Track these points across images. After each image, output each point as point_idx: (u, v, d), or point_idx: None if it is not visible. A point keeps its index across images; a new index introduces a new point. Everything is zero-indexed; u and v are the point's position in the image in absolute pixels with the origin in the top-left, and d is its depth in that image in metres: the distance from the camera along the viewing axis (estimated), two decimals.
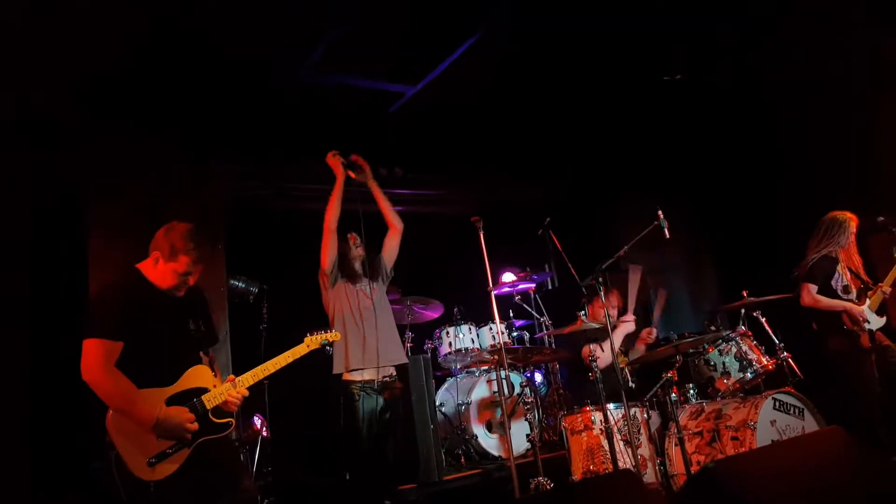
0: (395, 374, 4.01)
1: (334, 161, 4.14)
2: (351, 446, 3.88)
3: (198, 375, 2.81)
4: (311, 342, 3.23)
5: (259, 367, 2.96)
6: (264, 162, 5.96)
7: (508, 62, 5.29)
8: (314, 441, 5.35)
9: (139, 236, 3.00)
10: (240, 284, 5.31)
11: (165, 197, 4.86)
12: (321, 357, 5.51)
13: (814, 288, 4.56)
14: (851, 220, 4.68)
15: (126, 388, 2.60)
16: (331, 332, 3.27)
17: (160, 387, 2.69)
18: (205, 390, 2.79)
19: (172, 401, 2.69)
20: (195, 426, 2.67)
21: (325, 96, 5.43)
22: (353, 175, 4.14)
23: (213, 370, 2.91)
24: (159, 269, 2.81)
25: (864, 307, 4.49)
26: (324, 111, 5.63)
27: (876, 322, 4.50)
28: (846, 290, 4.57)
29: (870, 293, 4.56)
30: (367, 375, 3.84)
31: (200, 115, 5.06)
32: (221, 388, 2.82)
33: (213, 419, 2.77)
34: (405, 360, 4.15)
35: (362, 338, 3.84)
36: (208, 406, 2.76)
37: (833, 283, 4.58)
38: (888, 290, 4.53)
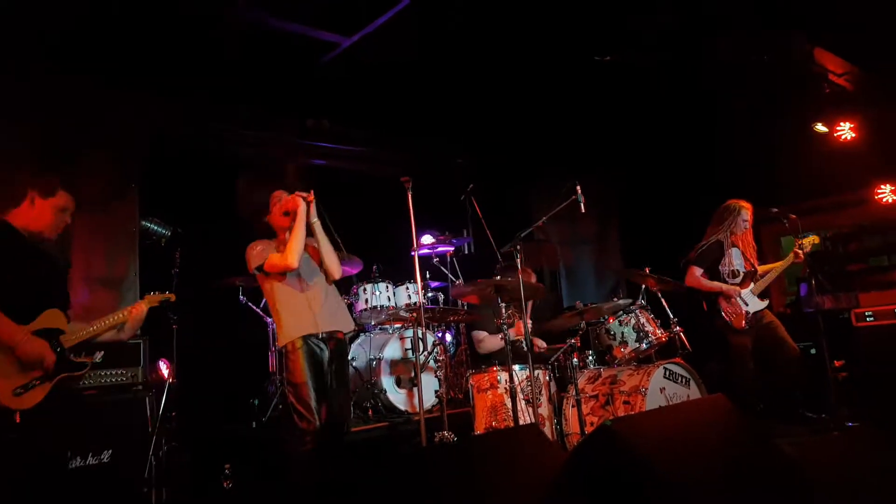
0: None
1: (293, 199, 3.71)
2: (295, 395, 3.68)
3: (53, 317, 2.97)
4: (151, 300, 3.43)
5: (91, 325, 3.14)
6: (188, 101, 5.73)
7: (444, 26, 5.30)
8: (225, 389, 5.33)
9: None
10: (152, 226, 5.14)
11: (68, 128, 4.65)
12: (234, 306, 5.48)
13: (698, 270, 4.98)
14: (745, 208, 5.06)
15: None
16: (168, 293, 3.50)
17: (22, 324, 2.84)
18: (61, 331, 2.98)
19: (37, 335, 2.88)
20: (53, 357, 2.87)
21: (259, 38, 5.26)
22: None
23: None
24: (36, 208, 2.94)
25: (747, 290, 4.92)
26: (256, 55, 5.46)
27: (755, 305, 4.91)
28: (733, 274, 4.98)
29: (755, 278, 4.99)
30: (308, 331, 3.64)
31: (120, 49, 4.81)
32: (76, 333, 3.03)
33: (72, 358, 3.00)
34: (353, 328, 3.99)
35: (309, 308, 3.63)
36: (66, 345, 2.97)
37: (721, 266, 4.98)
38: (764, 273, 4.99)
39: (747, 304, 4.89)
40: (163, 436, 4.27)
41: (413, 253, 4.28)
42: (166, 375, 4.74)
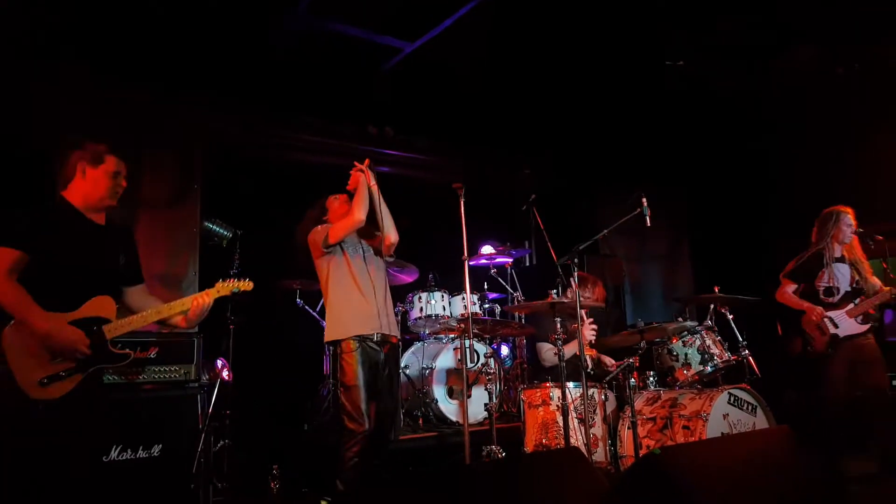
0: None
1: (353, 174, 3.95)
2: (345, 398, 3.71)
3: (101, 305, 2.79)
4: (222, 288, 3.10)
5: (142, 315, 2.90)
6: (250, 107, 5.87)
7: (509, 31, 5.22)
8: (279, 390, 5.38)
9: None
10: (214, 227, 5.27)
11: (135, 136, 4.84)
12: (292, 309, 5.53)
13: (791, 286, 4.58)
14: (846, 212, 4.58)
15: (24, 297, 2.59)
16: (244, 280, 3.16)
17: (61, 311, 2.67)
18: (106, 321, 2.78)
19: (74, 325, 2.69)
20: (87, 349, 2.66)
21: (319, 46, 5.32)
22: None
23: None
24: (88, 179, 2.80)
25: (841, 311, 4.44)
26: (318, 61, 5.53)
27: (848, 328, 4.41)
28: (829, 292, 4.51)
29: (858, 300, 4.47)
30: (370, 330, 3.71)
31: (185, 59, 4.98)
32: (125, 320, 2.82)
33: (112, 349, 2.78)
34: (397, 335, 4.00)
35: (367, 305, 3.70)
36: (107, 336, 2.76)
37: (817, 282, 4.52)
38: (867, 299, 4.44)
39: (837, 327, 4.42)
40: (215, 434, 4.35)
41: (464, 260, 4.17)
42: (225, 375, 4.83)
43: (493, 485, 2.06)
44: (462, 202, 4.16)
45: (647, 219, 4.17)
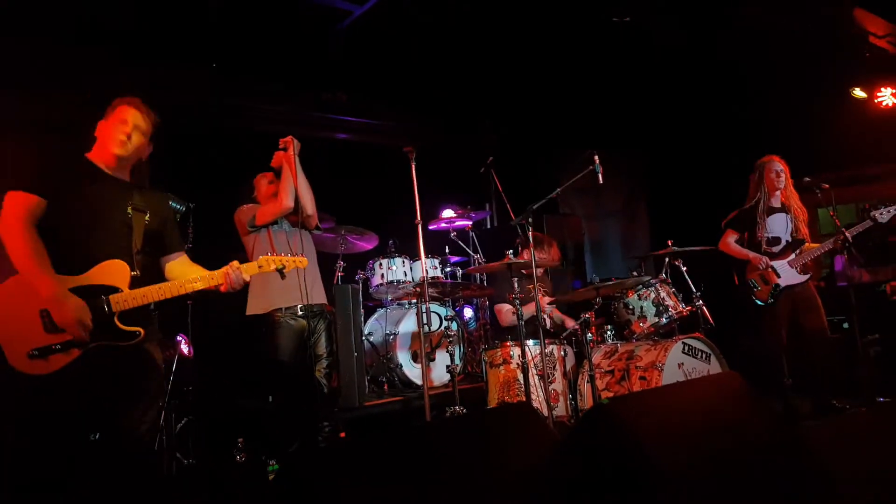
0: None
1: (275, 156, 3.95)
2: (275, 372, 3.88)
3: (111, 270, 2.43)
4: (266, 263, 2.76)
5: (161, 287, 2.54)
6: (199, 75, 5.69)
7: None
8: (240, 363, 5.34)
9: None
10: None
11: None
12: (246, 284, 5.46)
13: (732, 235, 4.65)
14: (773, 160, 4.61)
15: (40, 252, 2.31)
16: (297, 257, 2.89)
17: (63, 274, 2.35)
18: (115, 290, 2.42)
19: (78, 293, 2.34)
20: (89, 323, 2.32)
21: (271, 9, 5.17)
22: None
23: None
24: (105, 131, 2.54)
25: (783, 261, 4.50)
26: (269, 27, 5.38)
27: (790, 278, 4.48)
28: (771, 241, 4.55)
29: (799, 250, 4.52)
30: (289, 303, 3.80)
31: (130, 23, 4.79)
32: (138, 291, 2.46)
33: (120, 325, 2.41)
34: (325, 301, 4.07)
35: (287, 279, 3.74)
36: (115, 308, 2.40)
37: (759, 231, 4.57)
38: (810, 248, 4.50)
39: (780, 276, 4.50)
40: (177, 411, 4.32)
41: (417, 224, 4.16)
42: (185, 352, 4.78)
43: (438, 443, 2.07)
44: (413, 165, 4.13)
45: (600, 176, 4.18)
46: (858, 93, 5.84)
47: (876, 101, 5.85)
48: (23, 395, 2.32)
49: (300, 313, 3.81)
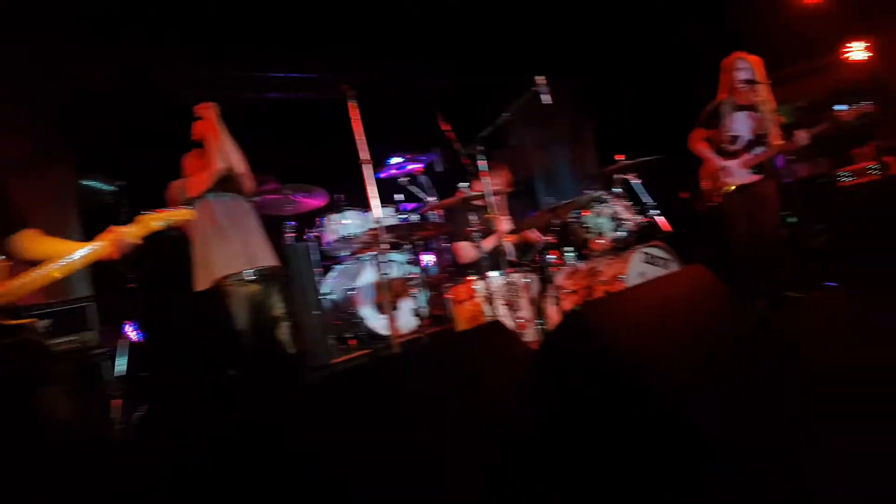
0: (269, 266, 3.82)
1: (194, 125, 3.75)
2: (235, 343, 3.73)
3: None
4: (148, 222, 2.54)
5: (38, 270, 2.35)
6: (110, 45, 5.29)
7: None
8: (195, 340, 5.15)
9: None
10: (94, 184, 4.83)
11: None
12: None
13: (701, 133, 4.57)
14: (739, 58, 4.49)
15: None
16: (179, 209, 2.66)
17: None
18: None
19: None
20: None
21: None
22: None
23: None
24: None
25: (736, 161, 4.43)
26: None
27: (740, 177, 4.42)
28: (732, 140, 4.47)
29: (759, 149, 4.42)
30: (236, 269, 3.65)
31: None
32: (18, 281, 2.30)
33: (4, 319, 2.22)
34: (275, 263, 3.92)
35: (228, 245, 3.62)
36: None
37: (722, 131, 4.48)
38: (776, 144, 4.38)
39: (732, 176, 4.44)
40: (134, 398, 4.13)
41: (362, 162, 4.00)
42: (133, 338, 4.56)
43: (414, 368, 2.00)
44: (351, 105, 3.93)
45: (546, 98, 4.09)
46: None
47: None
48: None
49: (251, 278, 3.64)
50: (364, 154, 3.98)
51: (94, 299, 3.84)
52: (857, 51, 5.94)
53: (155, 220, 2.57)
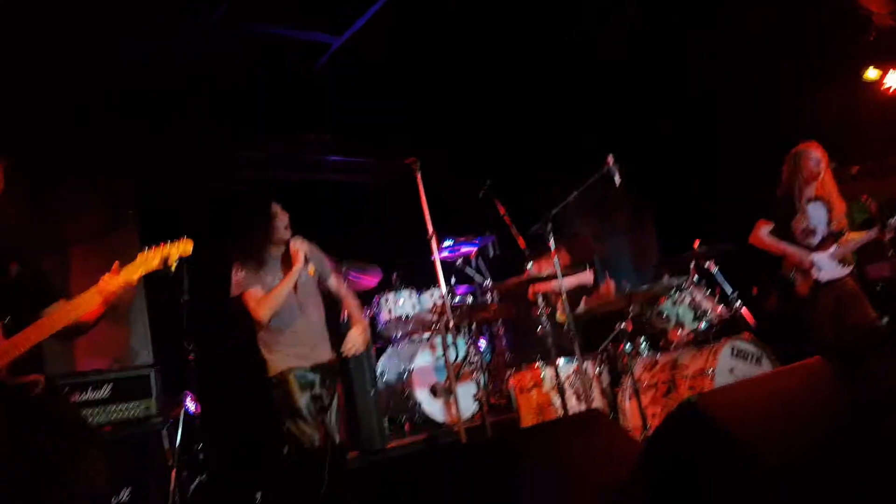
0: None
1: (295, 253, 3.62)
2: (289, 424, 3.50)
3: None
4: (146, 262, 2.49)
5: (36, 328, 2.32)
6: (177, 132, 5.45)
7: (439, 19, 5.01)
8: (254, 417, 4.95)
9: None
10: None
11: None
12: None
13: (765, 227, 4.30)
14: (809, 147, 4.32)
15: None
16: (178, 242, 2.59)
17: None
18: None
19: None
20: None
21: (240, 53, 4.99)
22: None
23: None
24: None
25: (823, 254, 4.18)
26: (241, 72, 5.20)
27: (831, 271, 4.16)
28: (807, 233, 4.25)
29: (840, 240, 4.22)
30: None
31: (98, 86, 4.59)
32: (15, 338, 2.27)
33: (8, 380, 2.22)
34: (334, 356, 3.72)
35: (293, 337, 3.49)
36: None
37: (794, 223, 4.26)
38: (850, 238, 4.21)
39: (821, 270, 4.16)
40: (189, 470, 3.94)
41: (430, 237, 3.85)
42: (193, 409, 4.42)
43: (502, 461, 1.75)
44: (419, 176, 3.83)
45: (618, 176, 3.95)
46: (871, 73, 5.43)
47: (884, 87, 5.52)
48: None
49: (311, 372, 3.49)
50: (430, 228, 3.83)
51: (156, 367, 3.73)
52: None
53: (155, 258, 2.51)
